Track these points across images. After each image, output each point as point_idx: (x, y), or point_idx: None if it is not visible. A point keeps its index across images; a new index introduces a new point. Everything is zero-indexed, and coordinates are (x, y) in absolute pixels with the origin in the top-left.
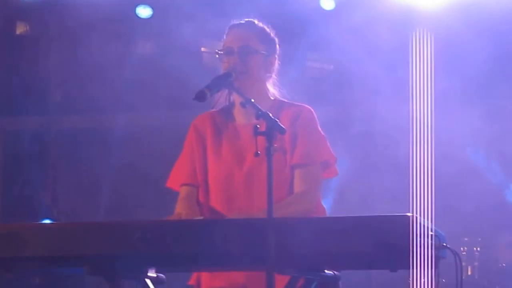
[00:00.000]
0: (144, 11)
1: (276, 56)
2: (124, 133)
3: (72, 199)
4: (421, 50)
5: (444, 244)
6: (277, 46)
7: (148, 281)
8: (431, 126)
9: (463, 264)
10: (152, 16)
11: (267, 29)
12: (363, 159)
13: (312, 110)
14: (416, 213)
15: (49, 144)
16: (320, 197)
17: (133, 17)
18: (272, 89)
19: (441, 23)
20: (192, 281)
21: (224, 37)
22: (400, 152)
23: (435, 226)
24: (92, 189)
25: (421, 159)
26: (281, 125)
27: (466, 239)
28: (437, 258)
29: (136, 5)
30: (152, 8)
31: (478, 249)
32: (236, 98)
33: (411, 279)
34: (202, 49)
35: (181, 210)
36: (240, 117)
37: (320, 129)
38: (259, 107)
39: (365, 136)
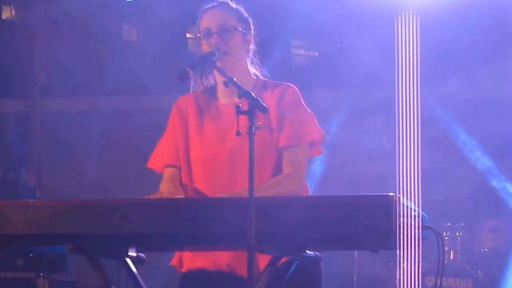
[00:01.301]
0: None
1: (252, 35)
2: (108, 116)
3: (56, 181)
4: (407, 32)
5: (427, 225)
6: (252, 25)
7: (129, 261)
8: (418, 109)
9: (446, 248)
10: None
11: (241, 9)
12: (351, 143)
13: (296, 88)
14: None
15: (33, 126)
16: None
17: (118, 1)
18: (253, 69)
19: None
20: (174, 262)
21: (199, 21)
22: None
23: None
24: (76, 172)
25: (407, 143)
26: (263, 104)
27: (449, 224)
28: (420, 239)
29: None
30: None
31: (461, 234)
32: (218, 78)
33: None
34: (188, 35)
35: (164, 189)
36: (223, 96)
37: (306, 107)
38: (242, 86)
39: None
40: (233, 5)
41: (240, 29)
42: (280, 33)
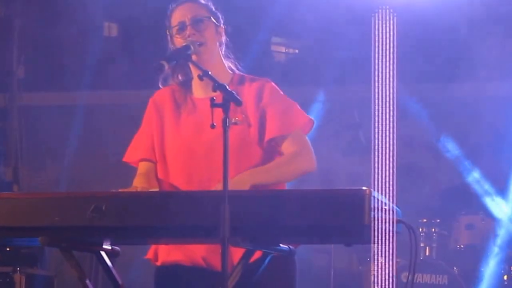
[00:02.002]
0: None
1: (223, 27)
2: (86, 110)
3: (33, 176)
4: (384, 30)
5: (399, 219)
6: (221, 19)
7: (103, 254)
8: (393, 107)
9: (422, 245)
10: None
11: (210, 3)
12: (329, 140)
13: (272, 82)
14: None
15: (11, 120)
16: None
17: None
18: (228, 62)
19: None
20: (149, 255)
21: (170, 17)
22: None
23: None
24: (54, 166)
25: (383, 140)
26: (238, 97)
27: (424, 220)
28: (393, 233)
29: None
30: None
31: (437, 230)
32: (194, 71)
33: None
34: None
35: (138, 184)
36: (198, 90)
37: (286, 97)
38: (216, 79)
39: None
40: (202, 0)
41: (213, 19)
42: (260, 30)
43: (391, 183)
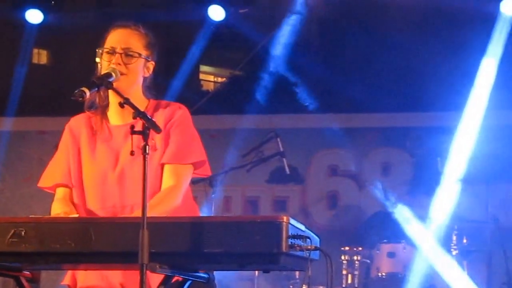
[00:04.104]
0: (34, 16)
1: (154, 63)
2: (7, 136)
3: None
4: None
5: (316, 246)
6: (155, 54)
7: (23, 279)
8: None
9: (344, 272)
10: (43, 21)
11: (150, 35)
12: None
13: (187, 109)
14: (304, 221)
15: None
16: (191, 195)
17: (23, 23)
18: (145, 90)
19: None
20: (66, 280)
21: (107, 35)
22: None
23: (316, 235)
24: None
25: (309, 167)
26: (157, 124)
27: (347, 248)
28: (310, 260)
29: (26, 9)
30: (43, 12)
31: (359, 258)
32: (112, 98)
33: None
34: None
35: (59, 209)
36: (115, 118)
37: (194, 129)
38: (137, 106)
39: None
40: (143, 30)
41: (144, 56)
42: (189, 59)
43: (313, 210)
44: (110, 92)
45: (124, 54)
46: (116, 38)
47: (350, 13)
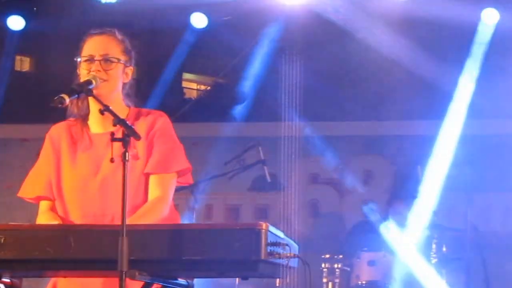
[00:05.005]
0: (16, 23)
1: (132, 68)
2: None
3: None
4: (291, 70)
5: (295, 254)
6: (133, 59)
7: (2, 287)
8: (300, 145)
9: (324, 280)
10: (26, 28)
11: (126, 40)
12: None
13: (167, 117)
14: (284, 229)
15: None
16: (173, 203)
17: (5, 29)
18: (128, 100)
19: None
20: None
21: (82, 45)
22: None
23: (300, 243)
24: None
25: (290, 176)
26: (136, 131)
27: (327, 256)
28: (288, 267)
29: (8, 16)
30: (25, 19)
31: (339, 266)
32: (93, 106)
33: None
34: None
35: (43, 222)
36: (95, 126)
37: (176, 136)
38: (117, 114)
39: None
40: (119, 36)
41: (123, 61)
42: (171, 67)
43: (294, 218)
44: (91, 100)
45: (103, 61)
46: (93, 45)
47: (332, 19)
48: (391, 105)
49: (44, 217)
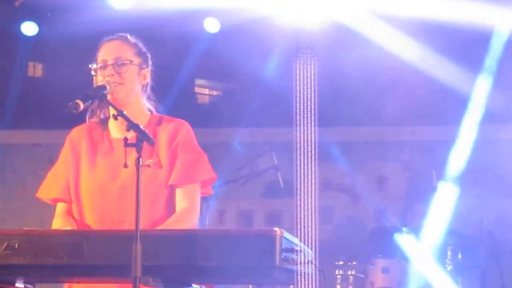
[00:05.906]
0: (29, 29)
1: (150, 69)
2: (1, 149)
3: None
4: (305, 74)
5: (310, 260)
6: (150, 60)
7: None
8: (314, 149)
9: (338, 287)
10: (39, 34)
11: (140, 43)
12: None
13: (189, 125)
14: (298, 236)
15: None
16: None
17: (18, 35)
18: (148, 104)
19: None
20: None
21: (97, 53)
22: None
23: (314, 249)
24: None
25: (305, 182)
26: (150, 136)
27: (341, 262)
28: (302, 274)
29: (21, 22)
30: (39, 25)
31: (353, 272)
32: (111, 111)
33: None
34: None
35: (58, 225)
36: (114, 130)
37: (198, 146)
38: (130, 118)
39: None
40: (132, 39)
41: (136, 63)
42: (184, 72)
43: (311, 224)
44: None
45: (116, 64)
46: (107, 51)
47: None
48: (405, 111)
49: (59, 220)
